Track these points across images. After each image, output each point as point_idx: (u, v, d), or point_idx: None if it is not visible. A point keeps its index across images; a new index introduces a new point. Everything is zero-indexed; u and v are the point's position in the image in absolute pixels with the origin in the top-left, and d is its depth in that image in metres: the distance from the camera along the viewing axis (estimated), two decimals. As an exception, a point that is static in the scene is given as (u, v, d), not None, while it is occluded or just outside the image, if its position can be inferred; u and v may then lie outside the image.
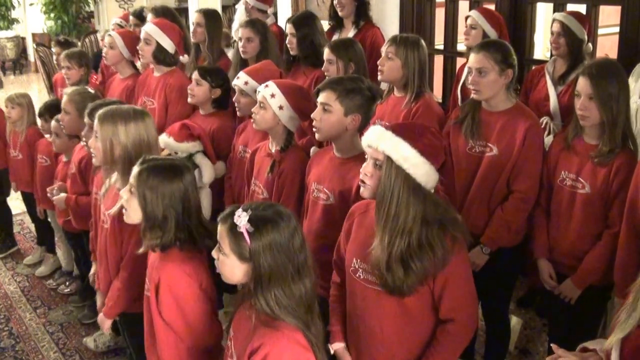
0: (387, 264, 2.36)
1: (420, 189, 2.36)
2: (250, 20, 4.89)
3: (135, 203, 2.62)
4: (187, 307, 2.56)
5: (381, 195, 2.38)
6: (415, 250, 2.34)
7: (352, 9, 5.14)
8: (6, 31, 13.57)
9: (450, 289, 2.39)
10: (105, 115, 3.06)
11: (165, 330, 2.58)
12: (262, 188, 3.42)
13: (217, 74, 4.26)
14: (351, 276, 2.58)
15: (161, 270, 2.58)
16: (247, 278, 2.16)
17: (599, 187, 3.04)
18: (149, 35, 4.64)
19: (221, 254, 2.19)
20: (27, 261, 5.67)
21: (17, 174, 5.36)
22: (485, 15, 4.41)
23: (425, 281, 2.37)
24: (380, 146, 2.38)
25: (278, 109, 3.33)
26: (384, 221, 2.37)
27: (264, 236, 2.11)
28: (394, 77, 3.78)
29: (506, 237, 3.33)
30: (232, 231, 2.13)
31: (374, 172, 2.42)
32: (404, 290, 2.36)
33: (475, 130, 3.35)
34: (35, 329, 4.69)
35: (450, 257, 2.35)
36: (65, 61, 5.29)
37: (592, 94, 2.97)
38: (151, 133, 3.13)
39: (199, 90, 4.17)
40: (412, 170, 2.33)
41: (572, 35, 4.10)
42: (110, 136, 3.01)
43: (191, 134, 3.82)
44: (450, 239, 2.37)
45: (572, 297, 3.19)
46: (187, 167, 2.77)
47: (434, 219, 2.37)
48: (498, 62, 3.24)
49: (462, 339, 2.50)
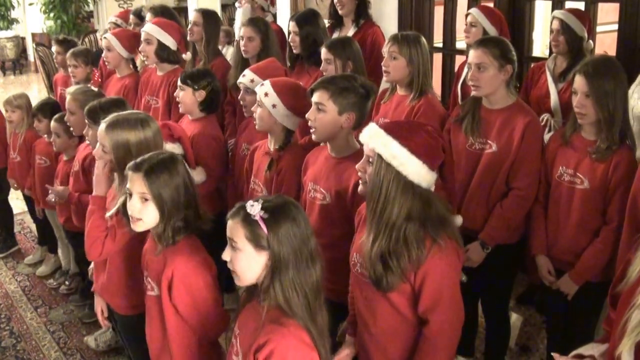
0: (370, 259, 2.39)
1: (412, 187, 2.36)
2: (251, 19, 4.87)
3: (151, 208, 2.58)
4: (200, 297, 2.56)
5: (370, 191, 2.41)
6: (394, 248, 2.35)
7: (352, 7, 5.12)
8: (6, 31, 13.60)
9: (426, 287, 2.37)
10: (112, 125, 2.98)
11: (178, 324, 2.59)
12: (261, 186, 3.43)
13: (199, 76, 4.09)
14: (352, 270, 2.61)
15: (173, 264, 2.56)
16: (263, 272, 2.15)
17: (598, 183, 3.05)
18: (149, 34, 4.64)
19: (234, 251, 2.17)
20: (27, 261, 5.68)
21: (16, 176, 5.36)
22: (486, 12, 4.41)
23: (406, 278, 2.37)
24: (371, 144, 2.41)
25: (272, 107, 3.32)
26: (372, 217, 2.40)
27: (280, 222, 2.12)
28: (401, 76, 3.77)
29: (505, 233, 3.33)
30: (247, 221, 2.12)
31: (367, 167, 2.45)
32: (384, 285, 2.38)
33: (476, 127, 3.36)
34: (36, 328, 4.69)
35: (426, 258, 2.33)
36: (71, 59, 5.29)
37: (588, 91, 2.99)
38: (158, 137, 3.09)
39: (183, 95, 4.03)
40: (401, 168, 2.34)
41: (572, 32, 4.11)
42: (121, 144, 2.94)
43: (171, 134, 3.67)
44: (430, 239, 2.35)
45: (570, 293, 3.20)
46: (177, 156, 2.77)
47: (418, 217, 2.36)
48: (497, 58, 3.25)
49: (441, 343, 2.43)
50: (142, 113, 3.25)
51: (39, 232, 5.74)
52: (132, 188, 2.60)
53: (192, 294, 2.56)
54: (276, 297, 2.11)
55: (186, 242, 2.62)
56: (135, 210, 2.59)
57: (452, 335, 2.46)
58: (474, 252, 3.32)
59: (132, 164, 2.63)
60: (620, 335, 1.87)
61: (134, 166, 2.61)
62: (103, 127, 3.00)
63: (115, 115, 3.07)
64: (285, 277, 2.10)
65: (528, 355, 4.14)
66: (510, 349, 3.97)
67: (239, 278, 2.21)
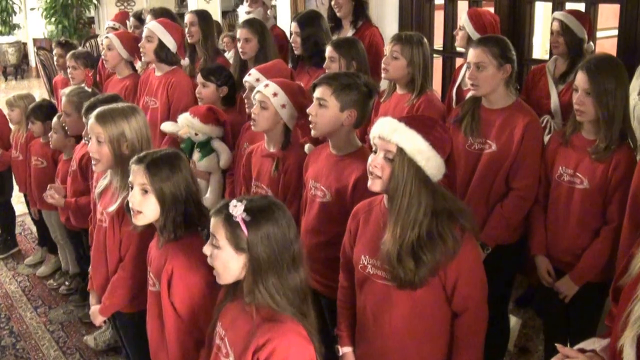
0: (398, 256, 2.34)
1: (430, 181, 2.36)
2: (247, 20, 4.89)
3: (152, 201, 2.60)
4: (198, 295, 2.56)
5: (394, 188, 2.36)
6: (425, 242, 2.33)
7: (349, 9, 5.13)
8: (7, 36, 13.65)
9: (463, 278, 2.39)
10: (103, 116, 3.02)
11: (176, 321, 2.59)
12: (265, 188, 3.39)
13: (221, 72, 4.26)
14: (361, 273, 2.57)
15: (173, 261, 2.58)
16: (243, 271, 2.15)
17: (598, 183, 3.03)
18: (152, 32, 4.66)
19: (214, 248, 2.17)
20: (28, 262, 5.69)
21: (17, 174, 5.40)
22: (471, 16, 4.37)
23: (436, 272, 2.37)
24: (393, 138, 2.36)
25: (280, 108, 3.30)
26: (397, 214, 2.36)
27: (261, 225, 2.11)
28: (399, 75, 3.79)
29: (505, 234, 3.32)
30: (228, 221, 2.13)
31: (385, 164, 2.39)
32: (415, 282, 2.36)
33: (475, 127, 3.36)
34: (35, 327, 4.70)
35: (461, 247, 2.35)
36: (71, 61, 5.32)
37: (588, 88, 2.97)
38: (147, 127, 3.13)
39: (206, 92, 4.17)
40: (423, 163, 2.33)
41: (572, 34, 4.10)
42: (116, 135, 2.99)
43: (217, 118, 3.86)
44: (459, 229, 2.37)
45: (569, 294, 3.18)
46: (181, 154, 2.79)
47: (443, 210, 2.37)
48: (496, 57, 3.24)
49: (478, 327, 2.49)
50: (130, 104, 3.31)
51: (39, 233, 5.75)
52: (133, 180, 2.63)
53: (190, 291, 2.56)
54: (263, 298, 2.10)
55: (189, 239, 2.64)
56: (136, 202, 2.62)
57: (486, 317, 2.52)
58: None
59: (135, 157, 2.67)
60: (623, 327, 1.87)
61: (137, 159, 2.65)
62: (93, 120, 3.02)
63: (102, 108, 3.10)
64: (266, 280, 2.10)
65: (527, 357, 4.14)
66: (509, 351, 3.96)
67: (218, 275, 2.21)
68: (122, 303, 3.14)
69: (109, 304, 3.16)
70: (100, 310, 3.20)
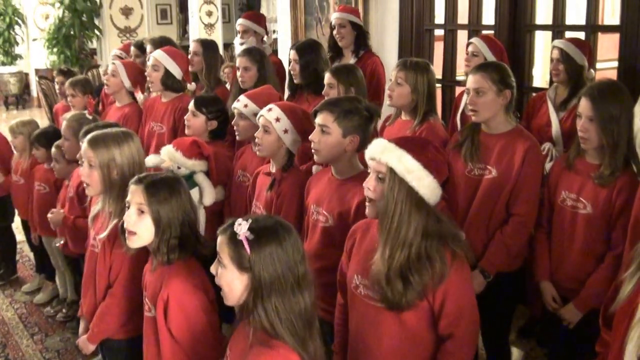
0: (386, 277, 2.33)
1: (423, 203, 2.35)
2: (246, 49, 4.88)
3: (147, 222, 2.59)
4: (195, 320, 2.53)
5: (384, 208, 2.36)
6: (414, 264, 2.32)
7: (351, 39, 5.17)
8: (9, 67, 13.74)
9: (449, 303, 2.36)
10: (96, 141, 3.03)
11: (173, 347, 2.55)
12: (261, 208, 3.40)
13: (214, 104, 4.15)
14: (352, 292, 2.56)
15: (169, 286, 2.55)
16: (247, 291, 2.12)
17: (601, 208, 3.02)
18: (158, 61, 4.68)
19: (220, 266, 2.15)
20: (25, 289, 5.64)
21: (17, 200, 5.37)
22: (487, 42, 4.44)
23: (425, 296, 2.35)
24: (383, 158, 2.37)
25: (282, 133, 3.31)
26: (387, 234, 2.35)
27: (264, 245, 2.08)
28: (403, 102, 3.80)
29: (505, 260, 3.29)
30: (232, 240, 2.11)
31: (377, 185, 2.41)
32: (402, 304, 2.34)
33: (475, 152, 3.35)
34: (32, 355, 4.63)
35: (449, 272, 2.33)
36: (69, 89, 5.34)
37: (592, 115, 2.98)
38: (140, 153, 3.14)
39: (195, 122, 4.06)
40: (415, 183, 2.33)
41: (572, 61, 4.12)
42: (107, 161, 3.00)
43: (201, 152, 3.73)
44: (450, 254, 2.35)
45: (573, 321, 3.15)
46: (182, 179, 2.79)
47: (435, 232, 2.35)
48: (495, 82, 3.25)
49: (462, 355, 2.44)
50: (124, 129, 3.30)
51: (36, 260, 5.71)
52: (131, 199, 2.62)
53: (187, 316, 2.53)
54: (260, 320, 2.07)
55: (184, 264, 2.61)
56: (131, 221, 2.60)
57: (473, 347, 2.47)
58: (475, 280, 3.25)
59: (135, 177, 2.67)
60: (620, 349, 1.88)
61: (137, 179, 2.65)
62: (86, 144, 3.03)
63: (95, 132, 3.10)
64: (267, 302, 2.06)
65: (530, 387, 4.09)
66: (512, 380, 3.92)
67: (225, 296, 2.19)
68: (112, 330, 3.08)
69: (97, 330, 3.10)
70: (88, 338, 3.13)
